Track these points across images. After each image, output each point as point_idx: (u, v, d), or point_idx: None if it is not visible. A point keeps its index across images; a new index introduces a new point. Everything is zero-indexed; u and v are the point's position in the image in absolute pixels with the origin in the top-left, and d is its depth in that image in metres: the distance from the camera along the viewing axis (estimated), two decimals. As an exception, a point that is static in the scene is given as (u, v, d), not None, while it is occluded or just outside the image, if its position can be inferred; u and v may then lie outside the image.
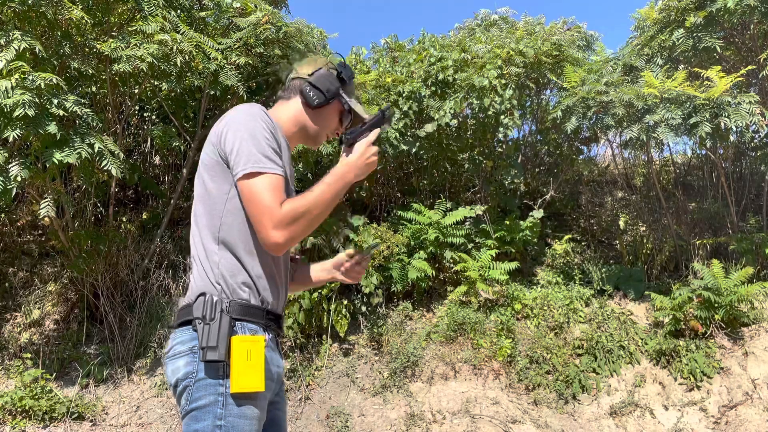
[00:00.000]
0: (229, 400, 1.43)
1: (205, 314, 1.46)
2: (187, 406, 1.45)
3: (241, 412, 1.44)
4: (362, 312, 5.64)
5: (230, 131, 1.53)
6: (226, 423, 1.42)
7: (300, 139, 1.77)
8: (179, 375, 1.47)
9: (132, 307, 5.38)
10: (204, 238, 1.56)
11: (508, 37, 6.42)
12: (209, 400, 1.43)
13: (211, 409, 1.42)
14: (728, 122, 4.71)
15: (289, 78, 1.78)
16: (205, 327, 1.45)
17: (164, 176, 7.13)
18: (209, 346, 1.42)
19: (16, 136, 3.76)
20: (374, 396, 4.90)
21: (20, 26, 4.22)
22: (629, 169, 8.46)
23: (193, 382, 1.45)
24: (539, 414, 4.73)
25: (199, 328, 1.45)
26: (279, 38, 5.13)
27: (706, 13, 5.28)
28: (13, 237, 6.14)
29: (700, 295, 4.98)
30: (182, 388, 1.46)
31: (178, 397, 1.48)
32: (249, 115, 1.55)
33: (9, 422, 4.27)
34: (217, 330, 1.44)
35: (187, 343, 1.49)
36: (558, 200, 7.63)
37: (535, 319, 5.56)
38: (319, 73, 1.71)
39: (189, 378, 1.45)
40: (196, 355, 1.46)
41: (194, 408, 1.44)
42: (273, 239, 1.45)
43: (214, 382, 1.43)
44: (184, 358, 1.47)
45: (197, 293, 1.52)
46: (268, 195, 1.46)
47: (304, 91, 1.70)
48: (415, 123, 6.50)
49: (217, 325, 1.45)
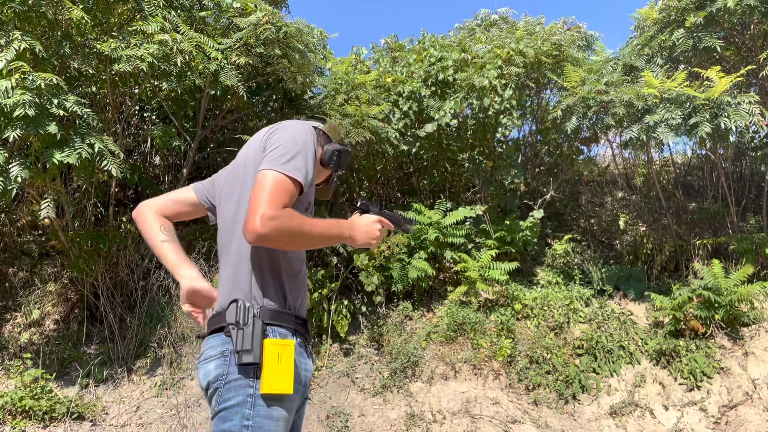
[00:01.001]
0: (258, 401, 1.46)
1: (238, 320, 1.51)
2: (217, 407, 1.48)
3: (268, 413, 1.47)
4: (362, 312, 5.64)
5: (279, 134, 1.60)
6: (253, 423, 1.45)
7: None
8: (210, 378, 1.51)
9: (132, 307, 5.38)
10: (237, 246, 1.59)
11: (508, 37, 6.42)
12: (238, 400, 1.46)
13: (239, 409, 1.46)
14: (728, 122, 4.71)
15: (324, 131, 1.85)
16: (239, 332, 1.49)
17: (164, 176, 7.13)
18: (244, 350, 1.46)
19: (16, 137, 3.76)
20: (374, 396, 4.90)
21: (20, 26, 4.22)
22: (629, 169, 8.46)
23: (223, 383, 1.48)
24: (539, 414, 4.73)
25: (233, 333, 1.50)
26: (279, 38, 5.13)
27: (706, 13, 5.28)
28: (13, 237, 6.14)
29: (700, 295, 4.99)
30: (213, 390, 1.50)
31: (210, 399, 1.52)
32: (301, 127, 1.63)
33: (9, 422, 4.27)
34: (251, 334, 1.48)
35: (218, 347, 1.53)
36: (558, 200, 7.63)
37: (535, 319, 5.56)
38: (333, 149, 1.81)
39: (220, 380, 1.49)
40: (227, 358, 1.50)
41: (223, 408, 1.47)
42: (254, 226, 1.43)
43: (245, 383, 1.47)
44: (215, 362, 1.51)
45: (229, 300, 1.55)
46: (277, 192, 1.48)
47: (325, 157, 1.79)
48: (415, 123, 6.51)
49: (251, 330, 1.49)
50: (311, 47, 5.67)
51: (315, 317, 5.27)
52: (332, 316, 5.27)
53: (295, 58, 5.30)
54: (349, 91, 5.98)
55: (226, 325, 1.52)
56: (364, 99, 5.87)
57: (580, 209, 7.88)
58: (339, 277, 5.51)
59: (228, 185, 1.70)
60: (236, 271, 1.58)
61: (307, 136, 1.61)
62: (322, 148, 1.79)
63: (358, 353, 5.35)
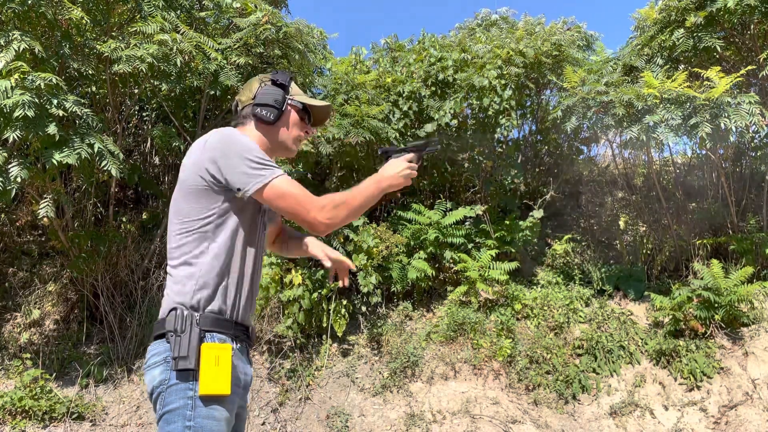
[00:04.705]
0: (197, 402, 1.54)
1: (176, 327, 1.58)
2: (161, 410, 1.56)
3: (208, 413, 1.55)
4: (362, 312, 5.64)
5: (224, 153, 1.62)
6: (195, 424, 1.53)
7: (272, 155, 1.86)
8: (155, 383, 1.59)
9: (132, 307, 5.38)
10: (178, 255, 1.66)
11: (508, 37, 6.42)
12: (180, 403, 1.54)
13: (181, 411, 1.53)
14: (728, 123, 4.71)
15: (238, 109, 1.86)
16: (177, 339, 1.57)
17: (164, 176, 7.12)
18: (180, 356, 1.55)
19: (16, 137, 3.76)
20: (374, 396, 4.90)
21: (20, 26, 4.22)
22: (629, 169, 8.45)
23: (165, 388, 1.56)
24: (539, 414, 4.73)
25: (172, 340, 1.58)
26: (279, 38, 5.13)
27: (707, 13, 5.27)
28: (13, 237, 6.14)
29: (700, 295, 4.98)
30: (157, 394, 1.58)
31: (154, 403, 1.60)
32: (232, 136, 1.65)
33: (9, 422, 4.27)
34: (187, 342, 1.56)
35: (161, 354, 1.60)
36: (558, 200, 7.63)
37: (535, 319, 5.56)
38: (260, 92, 1.81)
39: (162, 385, 1.57)
40: (169, 364, 1.57)
41: (166, 411, 1.55)
42: (320, 219, 1.62)
43: (184, 387, 1.55)
44: (159, 368, 1.59)
45: (169, 308, 1.63)
46: (297, 188, 1.63)
47: (257, 114, 1.79)
48: (415, 123, 6.50)
49: (188, 337, 1.57)
50: (311, 47, 5.67)
51: (314, 317, 5.27)
52: (331, 316, 5.27)
53: (294, 59, 5.30)
54: (349, 91, 5.97)
55: (166, 332, 1.60)
56: (363, 99, 5.87)
57: (580, 209, 7.88)
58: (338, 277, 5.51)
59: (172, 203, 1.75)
60: (178, 280, 1.64)
61: (241, 139, 1.65)
62: None
63: (358, 353, 5.35)
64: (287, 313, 5.13)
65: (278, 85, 1.82)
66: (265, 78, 1.84)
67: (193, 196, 1.64)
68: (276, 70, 1.90)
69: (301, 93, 1.88)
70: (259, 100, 1.78)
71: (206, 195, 1.63)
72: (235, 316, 1.68)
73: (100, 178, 5.42)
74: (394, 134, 5.92)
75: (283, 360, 5.14)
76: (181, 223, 1.66)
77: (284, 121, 1.82)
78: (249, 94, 1.82)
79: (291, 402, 4.83)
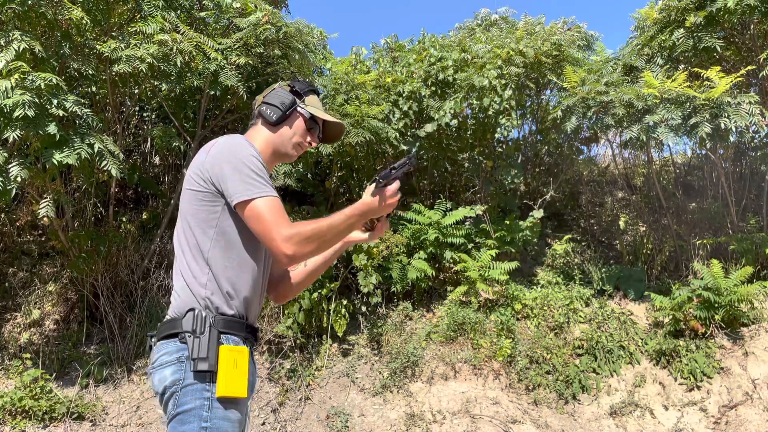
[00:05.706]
0: (215, 404, 1.53)
1: (195, 328, 1.57)
2: (174, 411, 1.54)
3: (225, 415, 1.54)
4: (362, 312, 5.64)
5: (222, 161, 1.62)
6: (211, 425, 1.52)
7: (274, 159, 1.85)
8: (166, 383, 1.56)
9: (132, 307, 5.38)
10: (190, 256, 1.65)
11: (508, 37, 6.42)
12: (196, 404, 1.53)
13: (197, 412, 1.52)
14: (728, 122, 4.71)
15: (255, 107, 1.87)
16: (195, 340, 1.56)
17: (164, 176, 7.13)
18: (200, 357, 1.54)
19: (16, 137, 3.76)
20: (374, 396, 4.90)
21: (20, 26, 4.22)
22: (629, 169, 8.45)
23: (180, 388, 1.54)
24: (539, 414, 4.73)
25: (189, 341, 1.56)
26: (279, 38, 5.12)
27: (706, 13, 5.27)
28: (13, 237, 6.13)
29: (700, 295, 4.98)
30: (169, 394, 1.56)
31: (165, 403, 1.59)
32: (235, 145, 1.65)
33: (9, 422, 4.27)
34: (207, 343, 1.56)
35: (173, 353, 1.58)
36: (558, 200, 7.63)
37: (535, 319, 5.56)
38: (271, 92, 1.82)
39: (176, 385, 1.55)
40: (183, 364, 1.56)
41: (181, 411, 1.53)
42: (283, 251, 1.55)
43: (201, 387, 1.53)
44: (171, 368, 1.57)
45: (186, 308, 1.62)
46: (274, 215, 1.58)
47: (262, 112, 1.80)
48: (415, 123, 6.51)
49: (207, 338, 1.56)
50: (311, 47, 5.67)
51: (315, 317, 5.27)
52: (331, 316, 5.27)
53: (294, 59, 5.30)
54: (348, 91, 5.97)
55: (181, 332, 1.58)
56: (363, 99, 5.87)
57: (580, 209, 7.88)
58: (338, 277, 5.51)
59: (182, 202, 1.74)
60: (191, 282, 1.63)
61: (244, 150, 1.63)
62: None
63: (358, 353, 5.35)
64: (287, 313, 5.14)
65: (293, 92, 1.84)
66: (285, 84, 1.87)
67: (200, 197, 1.65)
68: (299, 79, 1.91)
69: (319, 107, 1.88)
70: (267, 99, 1.81)
71: (211, 198, 1.64)
72: (246, 318, 1.69)
73: (100, 178, 5.41)
74: (394, 134, 5.92)
75: (283, 360, 5.14)
76: (193, 223, 1.66)
77: (287, 124, 1.83)
78: (265, 94, 1.85)
79: (291, 402, 4.83)
